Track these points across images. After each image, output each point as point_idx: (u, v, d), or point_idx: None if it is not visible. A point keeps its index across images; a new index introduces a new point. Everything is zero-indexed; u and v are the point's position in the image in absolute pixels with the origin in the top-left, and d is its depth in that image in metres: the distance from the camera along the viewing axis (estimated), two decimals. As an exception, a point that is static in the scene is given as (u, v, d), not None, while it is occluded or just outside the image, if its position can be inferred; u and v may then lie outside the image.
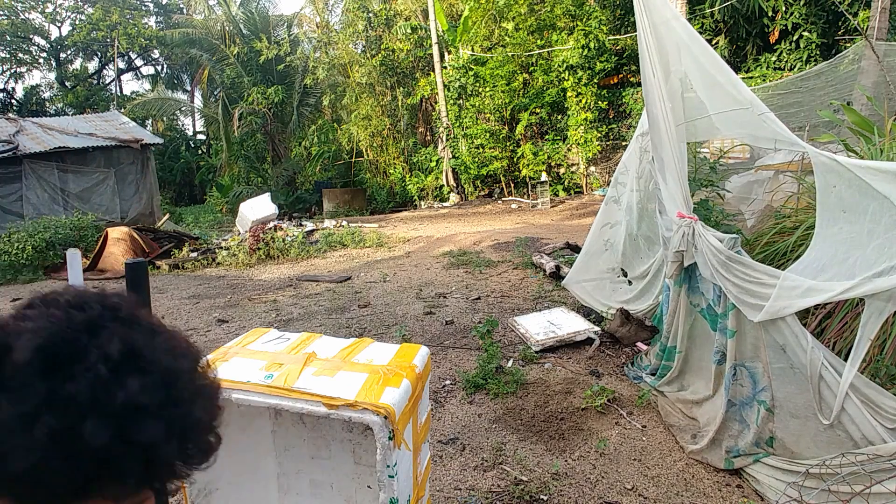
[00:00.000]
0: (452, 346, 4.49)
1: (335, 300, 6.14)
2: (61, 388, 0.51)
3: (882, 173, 2.18)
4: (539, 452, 2.92)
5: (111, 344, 0.54)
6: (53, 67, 27.77)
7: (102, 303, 0.59)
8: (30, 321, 0.54)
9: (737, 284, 2.63)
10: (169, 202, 22.49)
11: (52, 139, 12.36)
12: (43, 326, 0.54)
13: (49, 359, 0.52)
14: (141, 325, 0.59)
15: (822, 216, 2.51)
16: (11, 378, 0.51)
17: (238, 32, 20.22)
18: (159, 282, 7.85)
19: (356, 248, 9.62)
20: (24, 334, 0.53)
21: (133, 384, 0.53)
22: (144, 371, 0.55)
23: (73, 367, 0.52)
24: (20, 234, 8.98)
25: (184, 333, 0.65)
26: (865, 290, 2.10)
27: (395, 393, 1.50)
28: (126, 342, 0.55)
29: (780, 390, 2.56)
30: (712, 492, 2.56)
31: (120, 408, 0.52)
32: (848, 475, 2.11)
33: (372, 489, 1.86)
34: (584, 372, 3.83)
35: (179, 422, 0.56)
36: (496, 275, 6.74)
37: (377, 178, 20.14)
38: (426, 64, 18.33)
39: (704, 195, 4.04)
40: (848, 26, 10.88)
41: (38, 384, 0.50)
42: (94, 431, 0.51)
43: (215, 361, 1.71)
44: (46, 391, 0.50)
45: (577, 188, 15.45)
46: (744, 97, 2.85)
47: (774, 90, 9.30)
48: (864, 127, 4.09)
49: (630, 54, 13.95)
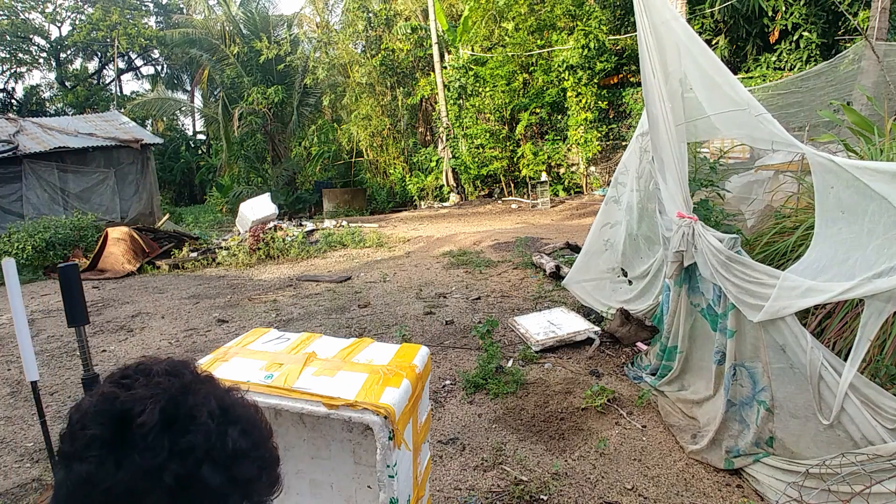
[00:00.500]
0: (452, 346, 4.49)
1: (335, 300, 6.14)
2: (182, 442, 0.61)
3: (880, 174, 2.18)
4: (539, 452, 2.92)
5: (210, 402, 0.66)
6: (53, 67, 27.77)
7: (188, 369, 0.70)
8: (141, 389, 0.64)
9: (736, 284, 2.63)
10: (169, 202, 22.51)
11: (52, 139, 12.36)
12: (157, 393, 0.63)
13: (169, 419, 0.62)
14: (219, 385, 0.71)
15: (820, 217, 2.51)
16: (142, 438, 0.60)
17: (238, 32, 20.20)
18: (159, 282, 7.85)
19: (356, 248, 9.63)
20: (143, 401, 0.62)
21: (234, 433, 0.65)
22: (236, 422, 0.67)
23: (187, 424, 0.62)
24: (20, 234, 8.98)
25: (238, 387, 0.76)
26: (865, 291, 2.10)
27: (395, 393, 1.50)
28: (219, 400, 0.67)
29: (779, 390, 2.56)
30: (712, 492, 2.56)
31: (230, 453, 0.64)
32: (848, 475, 2.11)
33: (372, 489, 1.86)
34: (584, 372, 3.83)
35: (264, 460, 0.69)
36: (496, 275, 6.74)
37: (377, 178, 20.14)
38: (426, 64, 18.33)
39: (704, 195, 4.04)
40: (848, 26, 10.88)
41: (163, 440, 0.60)
42: (211, 474, 0.62)
43: (215, 361, 1.71)
44: (170, 445, 0.60)
45: (577, 188, 15.45)
46: (741, 98, 2.86)
47: (774, 90, 9.29)
48: (864, 127, 4.09)
49: (630, 54, 13.94)
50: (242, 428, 0.67)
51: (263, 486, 0.68)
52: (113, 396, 0.63)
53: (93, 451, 0.60)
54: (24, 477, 2.96)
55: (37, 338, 5.44)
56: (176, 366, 0.69)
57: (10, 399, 3.99)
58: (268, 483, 0.69)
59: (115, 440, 0.60)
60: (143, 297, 6.88)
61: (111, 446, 0.60)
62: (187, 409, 0.63)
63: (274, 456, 0.72)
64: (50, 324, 5.90)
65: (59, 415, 3.69)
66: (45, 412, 3.72)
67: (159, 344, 5.05)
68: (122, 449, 0.60)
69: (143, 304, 6.54)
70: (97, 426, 0.61)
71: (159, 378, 0.65)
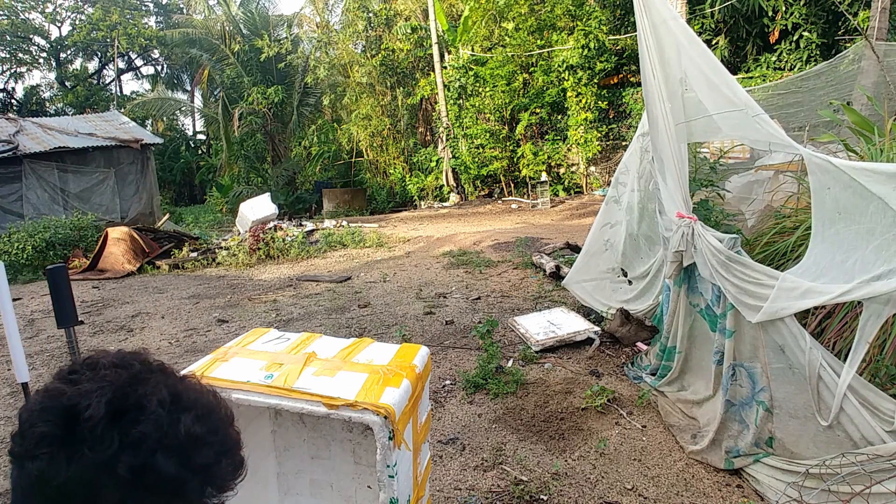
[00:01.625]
0: (452, 346, 4.49)
1: (335, 300, 6.14)
2: (133, 432, 0.61)
3: (877, 174, 2.18)
4: (539, 452, 2.92)
5: (160, 391, 0.65)
6: (53, 67, 27.77)
7: (137, 360, 0.70)
8: (87, 383, 0.63)
9: (736, 285, 2.63)
10: (169, 202, 22.52)
11: (52, 139, 12.36)
12: (103, 386, 0.63)
13: (117, 410, 0.62)
14: (171, 373, 0.71)
15: (817, 218, 2.50)
16: (90, 431, 0.60)
17: (238, 32, 20.21)
18: (159, 282, 7.85)
19: (356, 248, 9.63)
20: (89, 395, 0.62)
21: (187, 419, 0.65)
22: (189, 408, 0.67)
23: (137, 414, 0.62)
24: (20, 234, 8.99)
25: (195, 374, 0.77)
26: (863, 294, 2.10)
27: (395, 393, 1.50)
28: (169, 388, 0.67)
29: (778, 391, 2.56)
30: (712, 492, 2.56)
31: (183, 440, 0.64)
32: (848, 475, 2.11)
33: (372, 489, 1.86)
34: (584, 372, 3.83)
35: (221, 445, 0.69)
36: (496, 275, 6.74)
37: (377, 178, 20.14)
38: (426, 64, 18.33)
39: (704, 195, 4.04)
40: (848, 26, 10.88)
41: (112, 432, 0.60)
42: (166, 462, 0.62)
43: (215, 361, 1.71)
44: (120, 437, 0.60)
45: (577, 188, 15.45)
46: (739, 99, 2.85)
47: (774, 90, 9.29)
48: (864, 127, 4.09)
49: (630, 54, 13.95)
50: (196, 414, 0.67)
51: (224, 470, 0.69)
52: (59, 392, 0.63)
53: (43, 448, 0.60)
54: (24, 477, 2.96)
55: (36, 338, 5.44)
56: (124, 357, 0.69)
57: (10, 399, 3.99)
58: (229, 468, 0.69)
59: (64, 436, 0.60)
60: (143, 297, 6.88)
61: (61, 442, 0.60)
62: (136, 400, 0.63)
63: (233, 440, 0.72)
64: (50, 324, 5.90)
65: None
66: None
67: (159, 344, 5.05)
68: (72, 444, 0.60)
69: (143, 304, 6.55)
70: (45, 423, 0.61)
71: (106, 371, 0.65)
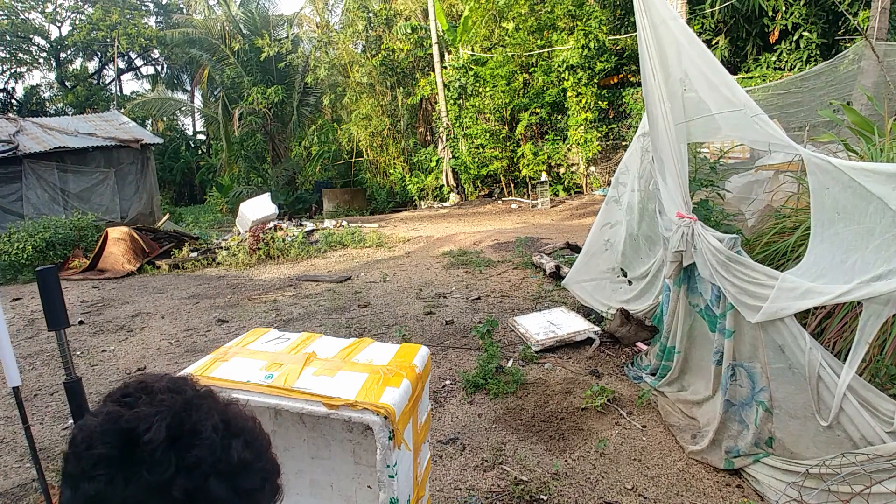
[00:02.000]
0: (452, 346, 4.49)
1: (335, 300, 6.14)
2: (189, 456, 0.63)
3: (876, 174, 2.17)
4: (539, 452, 2.92)
5: (213, 416, 0.68)
6: (53, 67, 27.77)
7: (189, 385, 0.72)
8: (144, 407, 0.65)
9: (736, 285, 2.63)
10: (169, 202, 22.51)
11: (52, 139, 12.36)
12: (161, 410, 0.65)
13: (175, 435, 0.64)
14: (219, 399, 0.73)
15: (817, 218, 2.50)
16: (150, 454, 0.62)
17: (238, 32, 20.21)
18: (159, 282, 7.85)
19: (356, 248, 9.63)
20: (148, 418, 0.64)
21: (237, 445, 0.67)
22: (239, 434, 0.69)
23: (192, 439, 0.64)
24: (20, 234, 8.98)
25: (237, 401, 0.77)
26: (863, 294, 2.09)
27: (395, 393, 1.50)
28: (221, 414, 0.69)
29: (778, 391, 2.56)
30: (712, 492, 2.56)
31: (234, 465, 0.66)
32: (848, 475, 2.11)
33: (372, 489, 1.86)
34: (584, 372, 3.83)
35: (265, 470, 0.71)
36: (496, 275, 6.74)
37: (377, 178, 20.14)
38: (426, 64, 18.33)
39: (704, 195, 4.04)
40: (848, 26, 10.87)
41: (170, 456, 0.62)
42: (218, 487, 0.64)
43: (215, 361, 1.71)
44: (177, 460, 0.62)
45: (577, 188, 15.45)
46: (738, 99, 2.85)
47: (774, 90, 9.29)
48: (864, 127, 4.08)
49: (630, 54, 13.94)
50: (245, 440, 0.69)
51: (266, 495, 0.71)
52: (117, 415, 0.64)
53: (101, 469, 0.61)
54: (25, 477, 2.96)
55: (36, 338, 5.44)
56: (176, 382, 0.71)
57: (10, 399, 3.99)
58: (270, 492, 0.72)
59: (122, 458, 0.62)
60: (143, 297, 6.88)
61: (119, 464, 0.61)
62: (192, 425, 0.65)
63: (275, 466, 0.74)
64: (50, 324, 5.89)
65: (59, 415, 3.69)
66: (45, 412, 3.73)
67: (159, 344, 5.05)
68: (131, 466, 0.61)
69: (143, 304, 6.54)
70: (103, 445, 0.62)
71: (162, 395, 0.67)
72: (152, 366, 4.49)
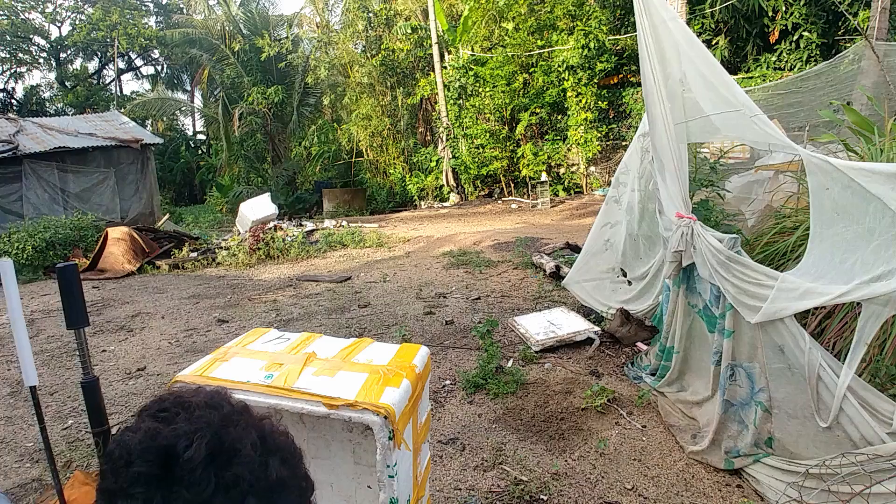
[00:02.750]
0: (452, 346, 4.49)
1: (335, 300, 6.14)
2: (227, 475, 0.61)
3: (876, 175, 2.17)
4: (539, 452, 2.93)
5: (251, 433, 0.66)
6: (53, 67, 27.78)
7: (225, 400, 0.70)
8: (184, 423, 0.63)
9: (735, 285, 2.63)
10: (169, 202, 22.51)
11: (52, 139, 12.36)
12: (201, 427, 0.63)
13: (214, 453, 0.62)
14: (255, 415, 0.71)
15: (816, 219, 2.50)
16: (190, 473, 0.60)
17: (238, 32, 20.21)
18: (159, 282, 7.85)
19: (356, 248, 9.63)
20: (188, 436, 0.62)
21: (275, 463, 0.66)
22: (276, 451, 0.68)
23: (231, 456, 0.63)
24: (20, 234, 8.99)
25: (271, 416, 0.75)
26: (862, 295, 2.09)
27: (395, 393, 1.50)
28: (258, 430, 0.68)
29: (777, 391, 2.56)
30: (712, 492, 2.57)
31: (273, 483, 0.64)
32: (848, 475, 2.11)
33: (372, 489, 1.86)
34: (584, 372, 3.83)
35: (302, 489, 0.70)
36: (496, 275, 6.74)
37: (377, 178, 20.15)
38: (426, 64, 18.33)
39: (704, 195, 4.04)
40: (848, 26, 10.87)
41: (209, 474, 0.60)
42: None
43: (215, 361, 1.71)
44: (216, 479, 0.60)
45: (577, 188, 15.45)
46: (737, 99, 2.85)
47: (774, 90, 9.29)
48: (864, 127, 4.08)
49: (630, 54, 13.94)
50: (282, 457, 0.68)
51: None
52: (156, 432, 0.63)
53: (139, 487, 0.60)
54: (24, 477, 2.96)
55: (36, 338, 5.44)
56: (213, 397, 0.70)
57: (10, 399, 3.99)
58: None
59: (161, 476, 0.60)
60: (143, 297, 6.88)
61: (158, 482, 0.60)
62: (230, 443, 0.64)
63: (310, 483, 0.73)
64: (49, 324, 5.90)
65: (59, 415, 3.69)
66: (45, 412, 3.73)
67: (159, 344, 5.05)
68: (170, 485, 0.60)
69: (143, 304, 6.55)
70: (143, 463, 0.61)
71: (200, 411, 0.66)
72: (152, 366, 4.49)
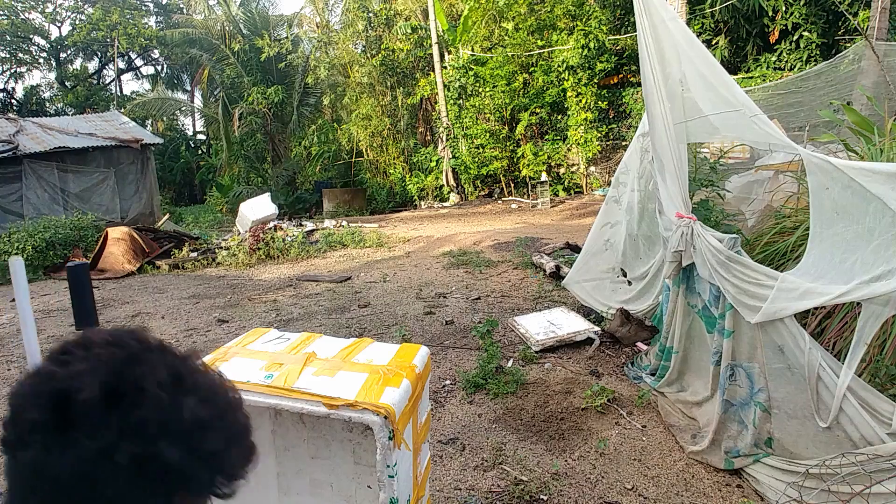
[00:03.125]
0: (452, 346, 4.49)
1: (335, 300, 6.14)
2: (131, 417, 0.55)
3: (875, 175, 2.18)
4: (539, 452, 2.93)
5: (160, 371, 0.59)
6: (53, 67, 27.78)
7: (134, 337, 0.63)
8: (79, 363, 0.57)
9: (735, 285, 2.63)
10: (169, 202, 22.51)
11: (52, 139, 12.36)
12: (97, 366, 0.57)
13: (113, 393, 0.56)
14: (171, 352, 0.64)
15: (816, 219, 2.50)
16: (85, 416, 0.54)
17: (238, 32, 20.22)
18: (159, 282, 7.85)
19: (356, 248, 9.63)
20: (82, 376, 0.56)
21: (190, 402, 0.59)
22: (193, 390, 0.61)
23: (135, 397, 0.56)
24: (20, 234, 8.99)
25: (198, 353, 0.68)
26: (862, 295, 2.09)
27: (395, 393, 1.50)
28: (171, 368, 0.61)
29: (777, 391, 2.56)
30: (712, 492, 2.57)
31: (187, 425, 0.58)
32: (848, 475, 2.11)
33: (372, 489, 1.86)
34: (584, 372, 3.83)
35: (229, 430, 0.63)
36: (496, 275, 6.74)
37: (377, 178, 20.15)
38: (426, 64, 18.33)
39: (704, 195, 4.03)
40: (848, 26, 10.87)
41: (110, 417, 0.55)
42: (169, 450, 0.56)
43: (215, 361, 1.71)
44: (119, 422, 0.55)
45: (577, 188, 15.45)
46: (737, 99, 2.85)
47: (774, 90, 9.29)
48: (864, 127, 4.08)
49: (630, 54, 13.95)
50: (201, 397, 0.61)
51: (234, 458, 0.64)
52: (50, 375, 0.57)
53: (35, 435, 0.55)
54: (25, 477, 2.96)
55: (37, 338, 5.44)
56: (119, 335, 0.62)
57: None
58: (239, 455, 0.64)
59: (57, 422, 0.54)
60: (143, 297, 6.88)
61: (54, 429, 0.54)
62: (133, 381, 0.57)
63: (242, 425, 0.66)
64: (50, 324, 5.90)
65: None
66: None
67: (159, 344, 5.05)
68: (67, 431, 0.54)
69: (143, 304, 6.54)
70: (36, 409, 0.55)
71: (99, 349, 0.59)
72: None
